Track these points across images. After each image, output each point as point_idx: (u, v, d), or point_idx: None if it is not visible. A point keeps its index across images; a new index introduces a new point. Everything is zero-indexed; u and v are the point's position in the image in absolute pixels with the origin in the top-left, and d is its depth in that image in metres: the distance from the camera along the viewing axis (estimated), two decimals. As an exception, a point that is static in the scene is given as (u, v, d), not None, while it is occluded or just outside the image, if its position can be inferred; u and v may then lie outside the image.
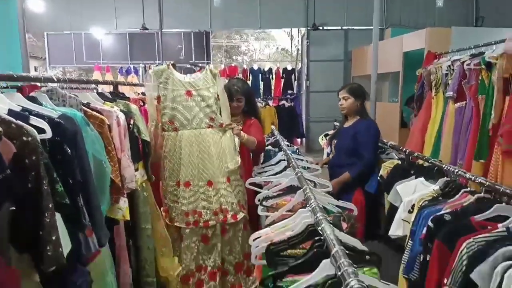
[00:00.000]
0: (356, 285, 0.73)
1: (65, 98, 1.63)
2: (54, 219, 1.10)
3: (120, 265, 1.85)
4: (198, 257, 2.29)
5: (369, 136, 2.51)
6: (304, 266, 1.08)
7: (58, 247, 1.10)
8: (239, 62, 17.40)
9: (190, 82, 2.30)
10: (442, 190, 1.76)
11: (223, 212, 2.27)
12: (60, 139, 1.27)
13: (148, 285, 2.04)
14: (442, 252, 1.43)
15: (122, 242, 1.87)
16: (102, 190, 1.53)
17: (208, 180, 2.27)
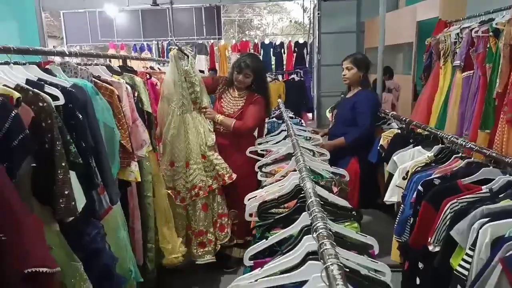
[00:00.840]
0: (321, 225, 0.83)
1: (77, 71, 1.74)
2: (67, 176, 1.23)
3: (134, 223, 2.02)
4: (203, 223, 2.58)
5: (368, 106, 2.55)
6: (288, 220, 1.19)
7: (70, 201, 1.24)
8: (252, 37, 17.21)
9: (186, 70, 2.52)
10: (436, 157, 1.82)
11: (219, 177, 2.54)
12: (72, 105, 1.39)
13: (148, 250, 2.21)
14: (429, 212, 1.52)
15: (135, 202, 2.03)
16: (112, 154, 1.66)
17: (186, 161, 2.50)
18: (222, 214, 2.64)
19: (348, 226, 1.21)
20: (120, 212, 1.77)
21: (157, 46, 9.29)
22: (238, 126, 2.55)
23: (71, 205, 1.27)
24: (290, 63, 9.34)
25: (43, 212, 1.23)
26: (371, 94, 2.67)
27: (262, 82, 2.67)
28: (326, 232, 0.81)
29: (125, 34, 9.39)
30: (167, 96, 2.44)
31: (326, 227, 0.82)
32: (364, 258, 0.97)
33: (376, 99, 2.67)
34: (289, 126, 2.25)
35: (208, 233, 2.58)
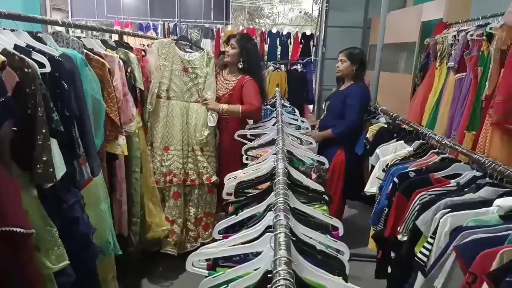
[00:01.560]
0: (281, 200, 0.87)
1: (68, 41, 1.76)
2: (46, 142, 1.26)
3: (121, 196, 2.07)
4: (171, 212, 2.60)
5: (357, 100, 2.59)
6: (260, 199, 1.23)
7: (48, 167, 1.27)
8: (261, 25, 17.09)
9: (188, 60, 2.58)
10: (415, 151, 1.85)
11: (199, 175, 2.58)
12: (58, 74, 1.42)
13: (133, 224, 2.26)
14: (402, 203, 1.56)
15: (122, 174, 2.08)
16: (97, 126, 1.70)
17: (186, 147, 2.56)
18: (208, 213, 2.68)
19: (317, 208, 1.25)
20: (102, 184, 1.81)
21: (163, 26, 9.25)
22: (246, 109, 2.53)
23: (49, 171, 1.31)
24: (295, 54, 9.31)
25: (22, 176, 1.27)
26: (361, 89, 2.69)
27: (251, 60, 2.60)
28: (283, 206, 0.84)
29: (132, 12, 9.38)
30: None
31: (284, 202, 0.86)
32: (324, 237, 1.01)
33: (365, 93, 2.70)
34: (279, 113, 2.29)
35: (174, 224, 2.58)
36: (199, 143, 2.57)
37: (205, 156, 2.60)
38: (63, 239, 1.37)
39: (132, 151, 2.24)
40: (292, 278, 0.60)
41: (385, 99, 5.36)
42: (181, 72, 2.55)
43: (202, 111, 2.58)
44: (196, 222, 2.67)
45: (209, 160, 2.61)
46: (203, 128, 2.56)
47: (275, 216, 0.82)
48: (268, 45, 9.56)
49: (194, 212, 2.65)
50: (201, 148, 2.59)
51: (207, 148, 2.61)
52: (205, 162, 2.57)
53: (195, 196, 2.63)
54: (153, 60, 2.48)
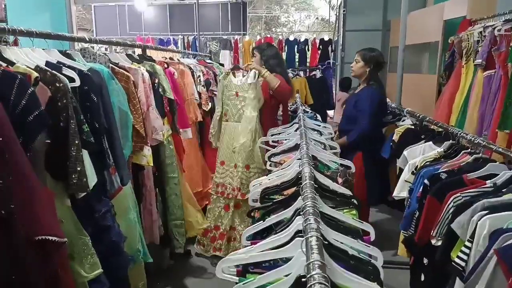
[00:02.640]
0: (309, 204, 0.85)
1: (95, 56, 1.83)
2: (79, 153, 1.31)
3: (151, 205, 2.11)
4: (218, 219, 2.78)
5: (368, 104, 2.51)
6: (287, 204, 1.21)
7: (82, 177, 1.31)
8: (278, 34, 17.19)
9: (239, 85, 2.78)
10: (445, 152, 1.79)
11: (237, 190, 2.72)
12: (87, 88, 1.47)
13: (177, 226, 2.35)
14: (433, 206, 1.51)
15: (151, 183, 2.13)
16: (125, 136, 1.74)
17: (234, 163, 2.73)
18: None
19: (346, 213, 1.23)
20: (131, 194, 1.85)
21: (183, 40, 9.47)
22: (282, 84, 2.72)
23: (83, 181, 1.35)
24: (314, 60, 9.29)
25: (56, 187, 1.31)
26: (372, 91, 2.57)
27: (272, 61, 2.83)
28: (312, 210, 0.83)
29: (152, 28, 9.65)
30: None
31: (313, 206, 0.85)
32: (356, 241, 0.98)
33: (377, 96, 2.57)
34: (301, 118, 2.27)
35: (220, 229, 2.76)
36: (245, 161, 2.69)
37: (251, 173, 2.71)
38: (95, 247, 1.40)
39: (168, 158, 2.33)
40: (327, 282, 0.59)
41: (410, 101, 5.25)
42: (234, 97, 2.77)
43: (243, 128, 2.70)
44: (237, 236, 2.77)
45: (255, 177, 2.65)
46: (240, 137, 2.69)
47: (304, 220, 0.81)
48: (286, 53, 9.60)
49: (239, 227, 2.77)
50: (247, 166, 2.72)
51: (253, 165, 2.71)
52: (244, 179, 2.69)
53: (240, 211, 2.76)
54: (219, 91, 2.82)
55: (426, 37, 5.79)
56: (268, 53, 2.86)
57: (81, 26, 13.19)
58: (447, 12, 5.40)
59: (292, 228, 0.92)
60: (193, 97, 2.79)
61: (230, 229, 2.75)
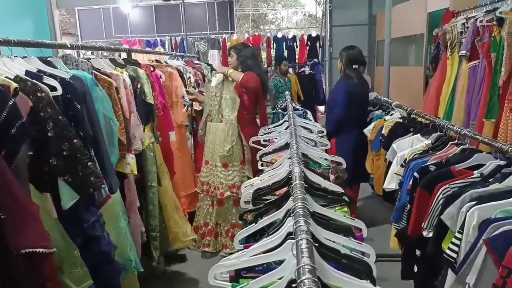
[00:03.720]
0: (299, 206, 0.85)
1: (78, 63, 1.80)
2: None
3: (131, 216, 2.07)
4: (206, 216, 2.87)
5: (337, 94, 2.87)
6: (278, 205, 1.21)
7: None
8: (266, 32, 17.16)
9: (215, 86, 2.84)
10: (433, 144, 1.81)
11: (216, 189, 2.80)
12: (70, 96, 1.44)
13: (152, 238, 2.27)
14: (424, 198, 1.52)
15: (133, 195, 2.07)
16: (111, 143, 1.71)
17: (215, 163, 2.80)
18: (235, 224, 2.81)
19: (338, 210, 1.23)
20: (120, 201, 1.82)
21: (170, 41, 9.38)
22: (245, 78, 2.76)
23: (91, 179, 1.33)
24: (302, 57, 9.29)
25: (41, 199, 1.29)
26: (341, 83, 2.93)
27: (247, 61, 2.88)
28: (302, 211, 0.82)
29: (138, 30, 9.52)
30: None
31: (303, 207, 0.84)
32: (347, 239, 0.98)
33: (344, 87, 2.87)
34: (290, 116, 2.27)
35: (208, 226, 2.84)
36: (223, 159, 2.76)
37: (229, 171, 2.77)
38: (85, 258, 1.38)
39: (148, 166, 2.26)
40: (318, 287, 0.58)
41: (397, 94, 5.28)
42: (214, 98, 2.82)
43: (222, 128, 2.77)
44: (226, 233, 2.84)
45: (233, 174, 2.77)
46: (224, 143, 2.75)
47: (295, 222, 0.80)
48: (274, 50, 9.58)
49: (223, 224, 2.85)
50: (225, 165, 2.78)
51: (231, 164, 2.78)
52: (222, 178, 2.76)
53: (223, 208, 2.83)
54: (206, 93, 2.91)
55: (411, 29, 5.83)
56: (245, 54, 2.92)
57: (66, 30, 12.96)
58: (430, 4, 5.44)
59: (283, 230, 0.91)
60: (182, 100, 2.76)
61: (216, 225, 2.85)
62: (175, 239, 2.45)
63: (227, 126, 2.75)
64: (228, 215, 2.82)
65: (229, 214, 2.82)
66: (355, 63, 2.91)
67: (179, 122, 2.74)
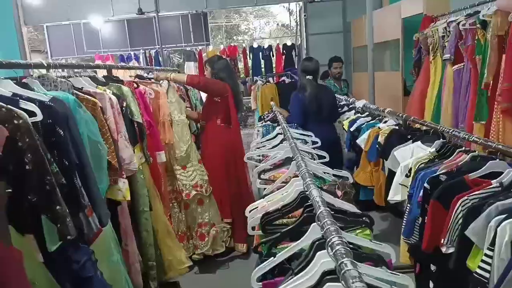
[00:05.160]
0: (337, 241, 0.74)
1: (56, 83, 1.63)
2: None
3: (128, 245, 1.90)
4: (179, 224, 2.85)
5: (292, 106, 3.17)
6: (296, 232, 1.10)
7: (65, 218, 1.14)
8: (240, 42, 17.19)
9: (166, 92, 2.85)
10: (438, 152, 1.75)
11: (180, 192, 2.78)
12: (52, 121, 1.29)
13: (149, 268, 2.10)
14: (438, 211, 1.44)
15: (127, 222, 1.91)
16: (100, 169, 1.56)
17: (173, 167, 2.77)
18: (201, 223, 2.85)
19: (360, 234, 1.13)
20: (112, 233, 1.66)
21: (145, 55, 9.17)
22: (191, 77, 2.95)
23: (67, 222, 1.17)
24: (279, 66, 9.31)
25: (23, 242, 1.12)
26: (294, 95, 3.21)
27: (220, 73, 3.03)
28: (344, 249, 0.72)
29: (111, 45, 9.27)
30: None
31: (342, 242, 0.74)
32: (384, 271, 0.88)
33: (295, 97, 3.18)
34: (285, 129, 2.18)
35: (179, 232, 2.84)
36: (181, 161, 2.75)
37: (188, 171, 2.78)
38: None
39: (138, 189, 2.10)
40: None
41: (377, 99, 5.32)
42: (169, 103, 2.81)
43: (176, 131, 2.73)
44: (195, 234, 2.85)
45: (194, 174, 2.79)
46: (180, 144, 2.73)
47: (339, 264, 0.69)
48: (251, 60, 9.55)
49: (192, 225, 2.85)
50: (183, 166, 2.78)
51: (190, 164, 2.79)
52: (184, 179, 2.76)
53: (190, 210, 2.83)
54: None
55: (387, 35, 5.92)
56: (218, 66, 3.05)
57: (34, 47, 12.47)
58: (404, 11, 5.56)
59: (315, 268, 0.80)
60: (168, 118, 2.62)
61: (188, 229, 2.85)
62: (169, 268, 2.28)
63: (179, 127, 2.75)
64: (194, 216, 2.84)
65: (195, 215, 2.84)
66: (308, 73, 3.15)
67: (167, 141, 2.59)
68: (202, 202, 2.85)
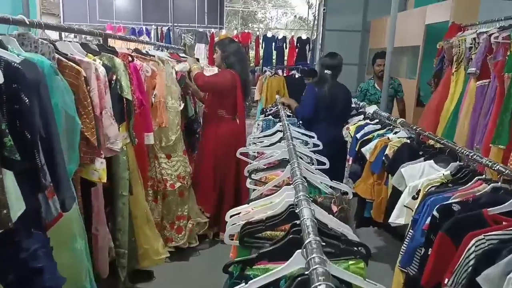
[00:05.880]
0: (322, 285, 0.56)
1: (37, 44, 1.45)
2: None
3: (98, 229, 1.74)
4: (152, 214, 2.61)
5: (305, 94, 3.17)
6: (278, 253, 0.92)
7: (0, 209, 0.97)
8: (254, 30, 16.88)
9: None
10: (453, 176, 1.56)
11: (163, 181, 2.60)
12: (16, 86, 1.11)
13: (119, 256, 1.94)
14: (446, 246, 1.27)
15: (101, 205, 1.75)
16: (71, 147, 1.38)
17: (154, 154, 2.60)
18: (180, 216, 2.70)
19: (352, 266, 0.95)
20: (78, 217, 1.49)
21: (156, 31, 8.97)
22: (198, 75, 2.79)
23: (2, 213, 1.00)
24: (291, 59, 9.08)
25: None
26: (310, 86, 3.21)
27: (231, 57, 2.85)
28: None
29: (124, 17, 9.14)
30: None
31: None
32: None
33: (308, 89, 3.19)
34: (286, 127, 1.99)
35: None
36: (166, 150, 2.61)
37: (172, 161, 2.63)
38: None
39: (119, 171, 1.94)
40: None
41: (387, 105, 5.13)
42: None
43: (171, 124, 2.58)
44: (170, 226, 2.70)
45: (178, 165, 2.65)
46: (169, 133, 2.57)
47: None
48: (263, 49, 9.31)
49: (167, 217, 2.70)
50: (168, 155, 2.63)
51: (175, 154, 2.65)
52: (168, 169, 2.61)
53: (167, 200, 2.69)
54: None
55: (407, 40, 5.68)
56: (229, 50, 2.85)
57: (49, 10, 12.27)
58: (429, 16, 5.30)
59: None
60: (163, 100, 2.43)
61: (161, 220, 2.68)
62: (144, 256, 2.13)
63: (172, 115, 2.58)
64: (172, 208, 2.68)
65: (173, 206, 2.69)
66: (327, 68, 3.11)
67: (163, 124, 2.42)
68: (183, 194, 2.72)
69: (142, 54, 2.46)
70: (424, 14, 5.38)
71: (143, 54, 2.47)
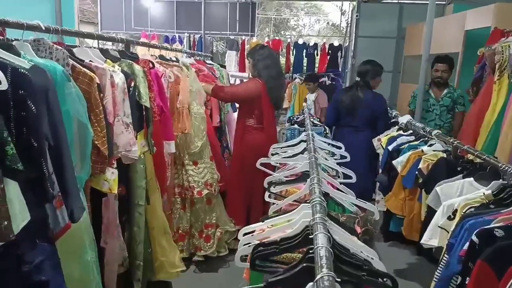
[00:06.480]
0: None
1: (52, 50, 1.43)
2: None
3: (109, 241, 1.69)
4: (179, 221, 2.67)
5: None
6: (289, 283, 0.82)
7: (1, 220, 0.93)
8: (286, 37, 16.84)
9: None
10: (495, 196, 1.38)
11: (191, 189, 2.57)
12: (23, 92, 1.08)
13: (135, 267, 1.89)
14: (486, 276, 1.11)
15: (111, 216, 1.69)
16: (83, 156, 1.34)
17: (182, 161, 2.59)
18: (208, 224, 2.66)
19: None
20: (89, 228, 1.44)
21: (189, 39, 9.15)
22: (215, 91, 2.73)
23: (2, 225, 0.96)
24: (322, 66, 8.90)
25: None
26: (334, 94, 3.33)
27: (258, 64, 2.79)
28: None
29: (158, 25, 9.40)
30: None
31: None
32: None
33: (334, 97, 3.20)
34: (310, 137, 1.88)
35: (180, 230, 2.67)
36: (192, 157, 2.57)
37: (200, 168, 2.60)
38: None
39: (136, 180, 1.89)
40: None
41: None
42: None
43: (197, 129, 2.55)
44: (199, 234, 2.69)
45: (205, 171, 2.62)
46: (195, 139, 2.54)
47: None
48: (294, 56, 9.20)
49: (195, 225, 2.69)
50: (195, 162, 2.59)
51: (201, 161, 2.62)
52: (196, 176, 2.58)
53: (195, 209, 2.67)
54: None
55: (445, 47, 5.39)
56: (258, 57, 2.81)
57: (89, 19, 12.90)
58: (469, 22, 5.01)
59: None
60: (186, 106, 2.39)
61: (189, 228, 2.68)
62: (160, 269, 2.07)
63: (197, 121, 2.53)
64: (201, 216, 2.66)
65: (202, 215, 2.66)
66: (357, 75, 3.16)
67: (185, 130, 2.38)
68: (210, 201, 2.68)
69: (165, 60, 2.44)
70: (463, 20, 5.10)
71: (167, 60, 2.44)
